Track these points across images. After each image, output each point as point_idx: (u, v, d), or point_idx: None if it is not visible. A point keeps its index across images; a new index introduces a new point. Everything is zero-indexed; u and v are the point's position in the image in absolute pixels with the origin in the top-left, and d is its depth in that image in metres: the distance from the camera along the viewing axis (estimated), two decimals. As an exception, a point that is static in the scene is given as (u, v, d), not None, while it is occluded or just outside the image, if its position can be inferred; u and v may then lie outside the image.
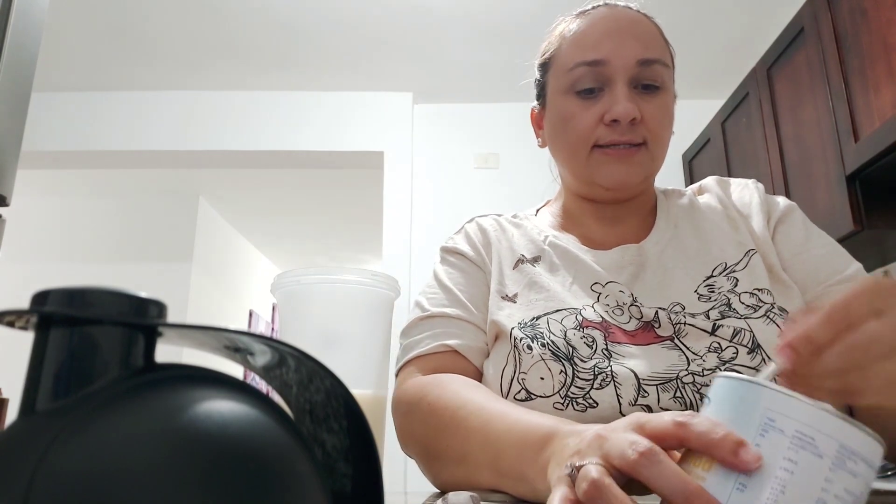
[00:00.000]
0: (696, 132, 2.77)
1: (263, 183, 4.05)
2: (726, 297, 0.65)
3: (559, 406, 0.60)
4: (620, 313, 0.66)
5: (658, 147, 0.71)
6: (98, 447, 0.19)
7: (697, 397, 0.58)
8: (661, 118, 0.70)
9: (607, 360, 0.61)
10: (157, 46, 2.75)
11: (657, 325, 0.64)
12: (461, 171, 3.10)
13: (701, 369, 0.59)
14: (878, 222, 1.73)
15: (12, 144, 1.11)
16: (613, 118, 0.68)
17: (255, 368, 0.30)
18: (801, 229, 0.72)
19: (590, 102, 0.70)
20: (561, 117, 0.73)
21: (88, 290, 0.22)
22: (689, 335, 0.62)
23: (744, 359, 0.59)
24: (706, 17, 2.55)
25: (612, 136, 0.69)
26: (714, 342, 0.61)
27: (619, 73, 0.69)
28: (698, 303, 0.65)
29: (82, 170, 3.41)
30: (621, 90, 0.68)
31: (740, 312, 0.63)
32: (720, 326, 0.62)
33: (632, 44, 0.70)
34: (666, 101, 0.71)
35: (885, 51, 1.59)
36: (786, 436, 0.30)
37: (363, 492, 0.30)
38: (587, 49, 0.71)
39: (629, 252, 0.72)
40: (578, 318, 0.65)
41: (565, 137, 0.73)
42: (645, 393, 0.59)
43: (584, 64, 0.70)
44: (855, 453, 0.30)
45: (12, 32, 1.11)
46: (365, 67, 2.93)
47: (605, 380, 0.60)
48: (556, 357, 0.62)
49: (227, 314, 4.81)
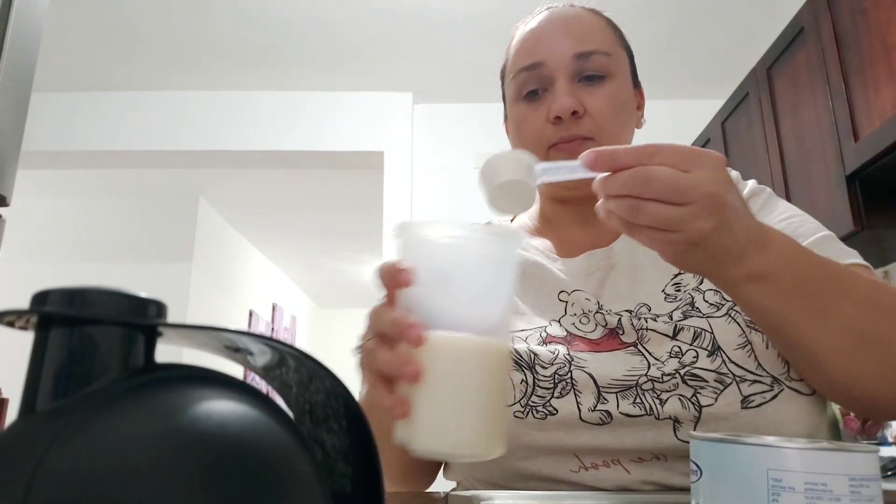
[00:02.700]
0: (696, 132, 2.77)
1: (263, 183, 4.05)
2: (690, 295, 0.64)
3: (519, 415, 0.59)
4: (586, 321, 0.66)
5: (607, 141, 0.69)
6: (98, 447, 0.19)
7: (657, 402, 0.58)
8: (607, 108, 0.69)
9: (567, 365, 0.61)
10: (158, 46, 2.75)
11: (621, 331, 0.63)
12: (461, 171, 3.10)
13: (661, 374, 0.59)
14: (878, 222, 1.73)
15: (12, 144, 1.11)
16: (555, 115, 0.68)
17: (255, 368, 0.30)
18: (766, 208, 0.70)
19: (536, 104, 0.71)
20: (515, 124, 0.74)
21: (88, 290, 0.22)
22: (651, 340, 0.62)
23: (704, 362, 0.59)
24: (706, 17, 2.55)
25: (559, 134, 0.69)
26: (675, 346, 0.60)
27: (557, 71, 0.70)
28: (664, 303, 0.65)
29: (82, 170, 3.41)
30: (561, 86, 0.69)
31: (703, 311, 0.62)
32: (681, 329, 0.61)
33: (564, 40, 0.70)
34: (612, 90, 0.70)
35: (885, 51, 1.59)
36: (797, 492, 0.29)
37: (363, 492, 0.30)
38: (525, 54, 0.72)
39: (595, 258, 0.71)
40: (542, 334, 0.65)
41: (522, 143, 0.73)
42: (605, 400, 0.59)
43: (524, 69, 0.72)
44: (865, 478, 0.29)
45: (12, 32, 1.11)
46: (365, 67, 2.93)
47: (566, 388, 0.60)
48: (519, 366, 0.62)
49: (227, 314, 4.81)
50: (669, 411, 0.57)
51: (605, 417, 0.58)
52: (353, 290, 6.92)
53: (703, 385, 0.57)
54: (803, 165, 1.98)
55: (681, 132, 2.83)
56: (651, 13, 2.52)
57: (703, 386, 0.57)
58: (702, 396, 0.57)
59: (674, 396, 0.58)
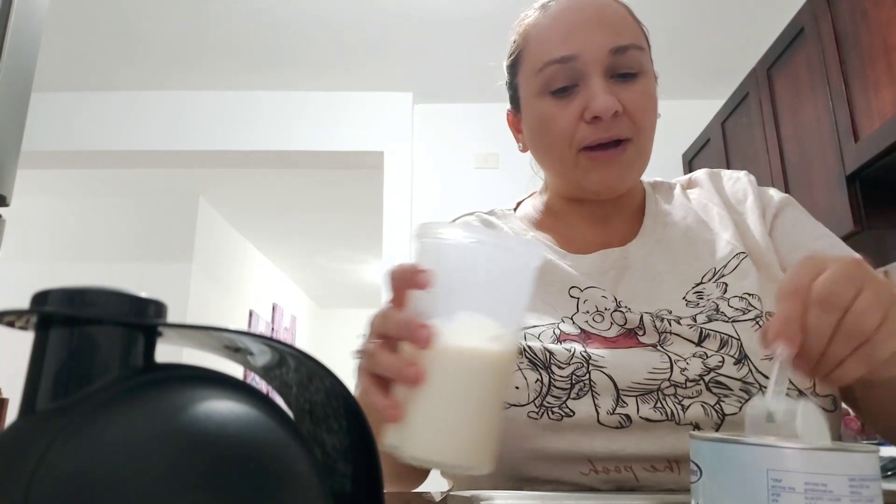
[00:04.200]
0: (696, 132, 2.77)
1: (263, 183, 4.05)
2: (715, 303, 0.62)
3: (534, 415, 0.57)
4: (601, 319, 0.63)
5: (645, 139, 0.66)
6: (98, 447, 0.19)
7: (679, 408, 0.56)
8: (645, 106, 0.65)
9: (585, 366, 0.58)
10: (158, 46, 2.75)
11: (642, 331, 0.61)
12: (461, 171, 3.10)
13: (684, 379, 0.56)
14: (878, 222, 1.73)
15: (12, 144, 1.11)
16: (594, 114, 0.63)
17: (255, 368, 0.30)
18: (798, 224, 0.69)
19: (566, 101, 0.65)
20: (539, 121, 0.68)
21: (88, 290, 0.22)
22: (674, 343, 0.59)
23: (730, 369, 0.57)
24: (706, 17, 2.55)
25: (596, 135, 0.64)
26: (700, 350, 0.59)
27: (592, 66, 0.64)
28: (686, 308, 0.62)
29: (82, 170, 3.41)
30: (597, 83, 0.63)
31: (728, 315, 0.60)
32: (707, 336, 0.59)
33: (601, 33, 0.64)
34: (647, 86, 0.66)
35: (885, 51, 1.59)
36: (798, 492, 0.29)
37: (363, 492, 0.30)
38: (555, 45, 0.65)
39: (611, 256, 0.68)
40: (556, 331, 0.63)
41: (547, 142, 0.68)
42: (624, 403, 0.56)
43: (554, 62, 0.65)
44: (865, 478, 0.29)
45: (12, 32, 1.11)
46: (365, 67, 2.93)
47: (583, 389, 0.57)
48: (534, 365, 0.59)
49: (227, 314, 4.81)
50: (691, 417, 0.55)
51: (625, 421, 0.56)
52: (353, 291, 6.92)
53: (727, 393, 0.56)
54: (803, 165, 1.98)
55: (681, 132, 2.83)
56: (651, 13, 2.52)
57: (728, 394, 0.56)
58: (726, 405, 0.56)
59: (696, 403, 0.56)
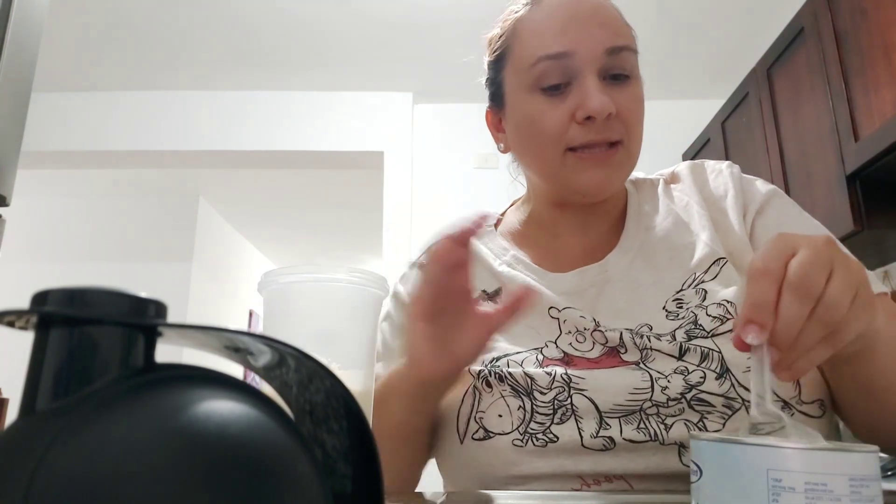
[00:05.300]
0: (696, 132, 2.77)
1: (263, 183, 4.05)
2: (693, 313, 0.61)
3: (518, 443, 0.56)
4: (583, 340, 0.62)
5: (635, 143, 0.65)
6: (98, 447, 0.19)
7: (662, 428, 0.55)
8: (636, 110, 0.64)
9: (566, 389, 0.58)
10: (158, 46, 2.75)
11: (623, 349, 0.60)
12: (461, 171, 3.10)
13: (666, 399, 0.56)
14: (878, 222, 1.73)
15: (12, 144, 1.11)
16: (588, 115, 0.60)
17: (255, 368, 0.30)
18: (784, 216, 0.66)
19: (557, 99, 0.63)
20: (526, 118, 0.65)
21: (88, 290, 0.22)
22: (656, 360, 0.58)
23: (711, 385, 0.56)
24: (706, 17, 2.55)
25: (588, 136, 0.62)
26: (681, 366, 0.57)
27: (586, 64, 0.62)
28: (666, 321, 0.61)
29: (82, 170, 3.41)
30: (592, 83, 0.61)
31: (707, 328, 0.59)
32: (688, 350, 0.58)
33: (598, 31, 0.62)
34: (638, 89, 0.65)
35: (885, 51, 1.59)
36: (798, 492, 0.29)
37: (363, 492, 0.30)
38: (549, 40, 0.63)
39: (588, 274, 0.67)
40: (539, 357, 0.62)
41: (534, 140, 0.65)
42: (607, 425, 0.56)
43: (548, 58, 0.62)
44: (865, 478, 0.29)
45: (12, 32, 1.11)
46: (365, 67, 2.93)
47: (566, 414, 0.57)
48: (515, 392, 0.59)
49: (227, 314, 4.81)
50: (675, 437, 0.55)
51: (609, 443, 0.55)
52: (353, 290, 6.90)
53: (710, 410, 0.55)
54: (803, 165, 1.98)
55: (681, 132, 2.84)
56: (651, 14, 2.52)
57: (711, 411, 0.55)
58: (709, 422, 0.55)
59: (679, 421, 0.55)
